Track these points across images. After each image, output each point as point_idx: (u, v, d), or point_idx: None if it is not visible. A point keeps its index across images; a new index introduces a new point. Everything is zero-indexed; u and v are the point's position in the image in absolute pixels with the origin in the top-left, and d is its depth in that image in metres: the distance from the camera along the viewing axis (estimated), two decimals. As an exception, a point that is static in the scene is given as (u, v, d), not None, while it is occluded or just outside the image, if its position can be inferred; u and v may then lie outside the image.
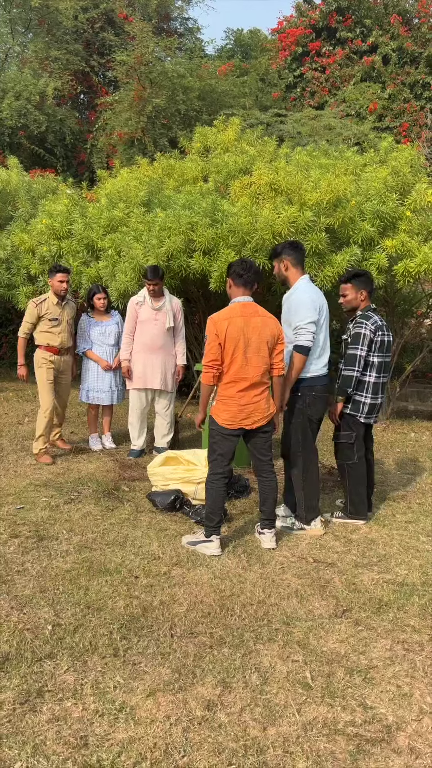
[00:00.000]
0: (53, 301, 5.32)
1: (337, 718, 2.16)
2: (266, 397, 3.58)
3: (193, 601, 2.95)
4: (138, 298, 5.54)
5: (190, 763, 1.92)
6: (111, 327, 5.81)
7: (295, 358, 3.72)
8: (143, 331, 5.48)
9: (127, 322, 5.54)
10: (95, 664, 2.42)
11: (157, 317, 5.47)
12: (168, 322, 5.49)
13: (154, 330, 5.47)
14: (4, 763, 1.89)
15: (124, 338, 5.54)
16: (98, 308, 5.74)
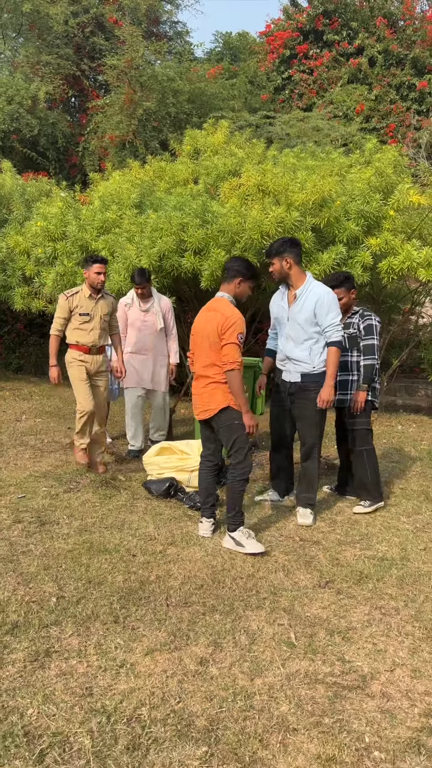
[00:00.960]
0: (86, 294, 4.88)
1: (317, 670, 2.39)
2: (208, 391, 3.61)
3: (187, 576, 3.17)
4: (126, 299, 5.60)
5: (184, 708, 2.14)
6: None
7: (334, 355, 3.90)
8: (132, 333, 5.55)
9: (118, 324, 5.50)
10: (97, 629, 2.64)
11: (146, 319, 5.53)
12: (158, 323, 5.53)
13: (143, 332, 5.54)
14: (18, 710, 2.10)
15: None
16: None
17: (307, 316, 3.90)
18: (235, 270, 3.66)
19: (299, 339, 3.95)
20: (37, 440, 6.04)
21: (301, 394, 3.99)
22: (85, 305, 4.86)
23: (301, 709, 2.16)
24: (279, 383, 4.13)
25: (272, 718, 2.11)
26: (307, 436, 4.04)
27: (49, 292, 7.30)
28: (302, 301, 3.92)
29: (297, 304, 3.93)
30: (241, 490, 3.59)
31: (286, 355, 4.02)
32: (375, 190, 6.85)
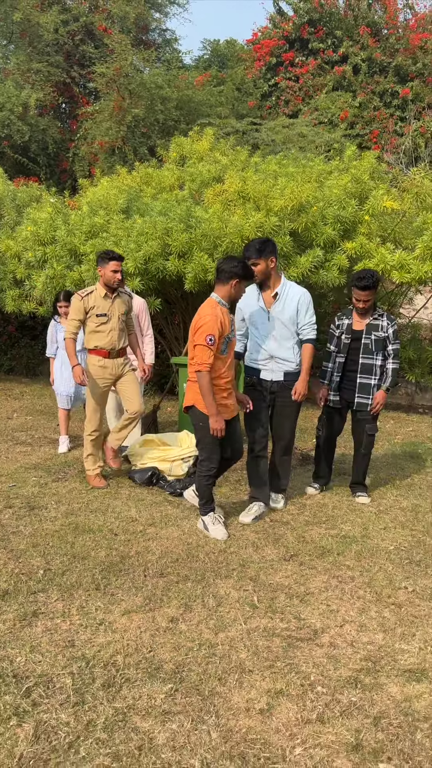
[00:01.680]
0: (101, 294, 4.60)
1: (275, 626, 2.69)
2: (188, 386, 3.81)
3: (164, 551, 3.47)
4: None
5: (154, 656, 2.43)
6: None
7: (311, 351, 4.05)
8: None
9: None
10: (80, 595, 2.93)
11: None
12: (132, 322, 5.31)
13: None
14: (8, 658, 2.39)
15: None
16: (63, 315, 5.68)
17: (291, 315, 3.99)
18: (230, 272, 3.61)
19: (284, 337, 4.01)
20: (27, 436, 6.31)
21: (284, 392, 4.06)
22: (101, 305, 4.59)
23: (258, 655, 2.45)
24: (254, 383, 4.12)
25: (231, 662, 2.40)
26: (288, 432, 4.17)
27: (40, 294, 7.57)
28: (283, 300, 4.00)
29: (278, 304, 3.99)
30: (206, 485, 3.78)
31: (271, 354, 4.02)
32: (351, 196, 7.17)
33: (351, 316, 4.45)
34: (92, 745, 1.93)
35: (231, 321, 3.72)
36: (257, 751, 1.94)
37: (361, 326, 4.36)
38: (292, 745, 1.96)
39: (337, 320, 4.47)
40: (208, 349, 3.52)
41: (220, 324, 3.56)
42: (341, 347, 4.41)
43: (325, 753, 1.93)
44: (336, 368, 4.43)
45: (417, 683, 2.31)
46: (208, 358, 3.52)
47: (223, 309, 3.65)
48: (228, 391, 3.75)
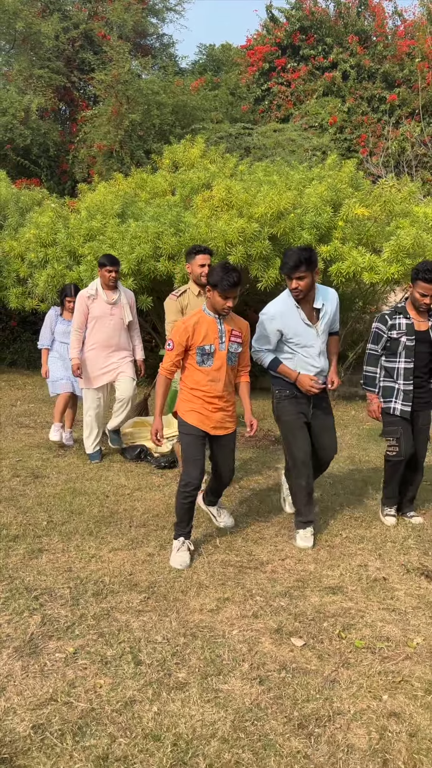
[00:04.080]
0: (194, 292, 4.35)
1: (230, 559, 3.39)
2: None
3: (147, 509, 4.17)
4: (89, 291, 5.18)
5: (133, 577, 3.13)
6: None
7: (338, 341, 3.93)
8: (99, 328, 5.18)
9: (77, 317, 5.17)
10: (77, 538, 3.63)
11: (113, 312, 5.20)
12: (126, 317, 5.26)
13: (111, 326, 5.20)
14: (20, 578, 3.08)
15: (73, 334, 5.19)
16: (68, 310, 5.74)
17: (331, 321, 3.71)
18: (210, 282, 3.31)
19: (324, 350, 3.72)
20: (30, 420, 7.00)
21: (323, 402, 3.77)
22: (194, 303, 4.30)
23: (214, 577, 3.16)
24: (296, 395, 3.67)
25: (193, 581, 3.10)
26: (334, 444, 3.81)
27: (41, 292, 8.27)
28: (325, 312, 3.62)
29: (324, 318, 3.62)
30: (182, 502, 3.41)
31: (321, 370, 3.66)
32: (327, 203, 7.85)
33: (406, 314, 3.86)
34: (84, 628, 2.63)
35: (222, 331, 3.40)
36: (205, 632, 2.63)
37: (425, 326, 3.84)
38: (230, 630, 2.66)
39: (389, 319, 3.87)
40: (168, 354, 3.42)
41: (188, 333, 3.33)
42: (402, 350, 3.84)
43: (254, 634, 2.63)
44: (403, 374, 3.85)
45: (333, 595, 3.01)
46: (166, 362, 3.42)
47: (206, 317, 3.37)
48: (214, 405, 3.44)
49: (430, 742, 2.03)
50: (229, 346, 3.43)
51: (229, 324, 3.44)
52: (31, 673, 2.30)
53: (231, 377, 3.51)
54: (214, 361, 3.39)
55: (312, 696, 2.24)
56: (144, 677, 2.31)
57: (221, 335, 3.40)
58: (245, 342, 3.55)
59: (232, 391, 3.57)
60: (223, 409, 3.50)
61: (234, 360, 3.49)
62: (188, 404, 3.48)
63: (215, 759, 1.92)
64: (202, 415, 3.45)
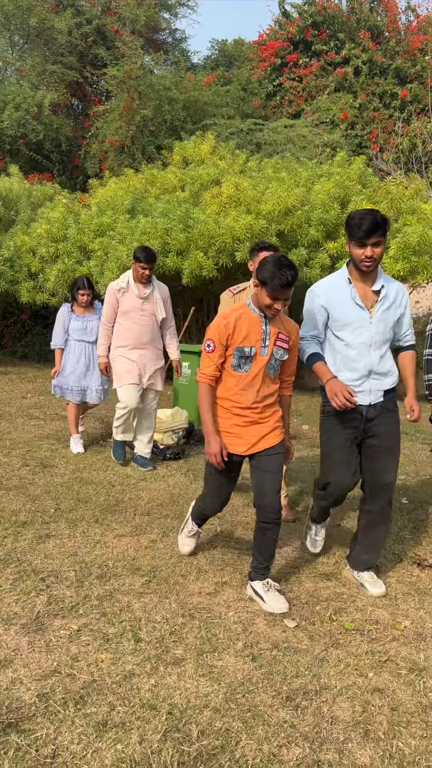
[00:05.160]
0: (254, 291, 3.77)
1: (230, 546, 3.52)
2: None
3: (152, 498, 4.31)
4: (120, 284, 4.81)
5: (136, 561, 3.27)
6: (93, 322, 5.37)
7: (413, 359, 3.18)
8: (129, 324, 4.79)
9: (106, 312, 4.86)
10: (83, 525, 3.77)
11: (145, 307, 4.80)
12: (159, 313, 4.85)
13: (143, 322, 4.80)
14: (28, 561, 3.23)
15: (102, 330, 4.90)
16: (81, 304, 5.38)
17: (397, 315, 3.01)
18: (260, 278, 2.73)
19: (385, 345, 3.02)
20: (40, 412, 7.16)
21: (385, 417, 3.01)
22: None
23: (213, 563, 3.29)
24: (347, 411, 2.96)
25: (193, 566, 3.24)
26: (392, 472, 3.04)
27: (52, 286, 8.42)
28: (385, 297, 2.95)
29: (384, 302, 2.94)
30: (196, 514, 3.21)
31: (370, 369, 2.96)
32: (334, 200, 7.94)
33: None
34: (88, 608, 2.77)
35: (267, 333, 2.86)
36: (202, 613, 2.77)
37: None
38: (227, 611, 2.80)
39: None
40: (206, 357, 2.90)
41: (229, 330, 2.82)
42: None
43: (250, 615, 2.76)
44: None
45: (327, 581, 3.14)
46: (206, 367, 2.91)
47: (250, 314, 2.85)
48: (246, 419, 2.90)
49: (410, 716, 2.15)
50: (274, 351, 2.87)
51: (276, 326, 2.88)
52: (36, 647, 2.44)
53: (270, 387, 2.92)
54: (252, 367, 2.86)
55: (301, 672, 2.37)
56: (143, 653, 2.44)
57: (265, 338, 2.85)
58: (293, 348, 2.98)
59: (273, 402, 2.97)
60: (258, 422, 2.91)
61: (276, 368, 2.92)
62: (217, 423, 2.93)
63: (207, 726, 2.05)
64: (232, 434, 2.89)
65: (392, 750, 1.99)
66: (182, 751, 1.94)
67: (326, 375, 2.95)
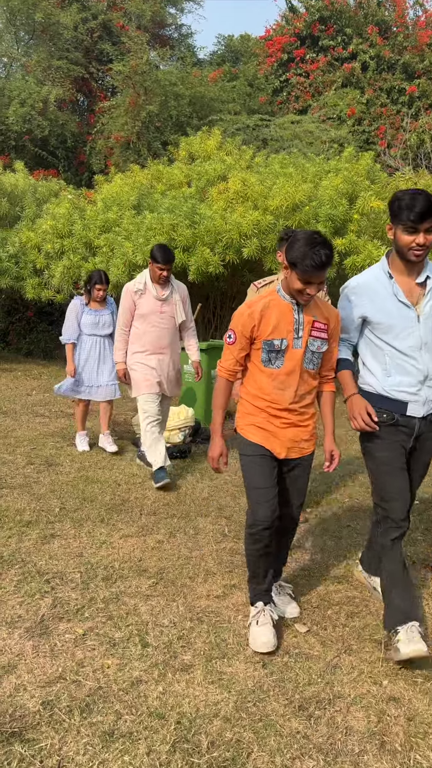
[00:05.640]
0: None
1: (239, 548, 3.45)
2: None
3: (158, 497, 4.24)
4: (137, 285, 4.53)
5: (143, 563, 3.20)
6: (106, 317, 5.32)
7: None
8: (147, 328, 4.50)
9: (122, 316, 4.56)
10: (88, 525, 3.70)
11: (164, 309, 4.52)
12: (179, 315, 4.57)
13: (162, 325, 4.52)
14: (32, 562, 3.16)
15: (118, 335, 4.65)
16: (96, 299, 5.29)
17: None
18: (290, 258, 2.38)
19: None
20: (45, 410, 7.11)
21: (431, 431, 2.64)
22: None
23: (221, 565, 3.22)
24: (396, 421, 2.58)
25: (200, 568, 3.17)
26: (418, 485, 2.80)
27: (57, 283, 8.36)
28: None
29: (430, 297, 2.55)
30: (251, 549, 2.58)
31: (426, 375, 2.55)
32: (342, 196, 7.84)
33: None
34: (94, 611, 2.71)
35: (300, 322, 2.51)
36: (211, 617, 2.70)
37: None
38: (236, 615, 2.72)
39: None
40: (227, 349, 2.60)
41: (254, 320, 2.49)
42: None
43: (259, 620, 2.69)
44: None
45: (339, 584, 3.06)
46: (225, 360, 2.62)
47: (280, 302, 2.51)
48: (284, 420, 2.56)
49: (427, 726, 2.07)
50: (309, 342, 2.51)
51: (311, 313, 2.52)
52: (41, 652, 2.38)
53: (309, 384, 2.58)
54: (285, 362, 2.51)
55: (313, 680, 2.29)
56: (150, 659, 2.37)
57: (298, 327, 2.50)
58: (333, 337, 2.60)
59: (312, 401, 2.64)
60: (297, 425, 2.59)
61: (315, 362, 2.56)
62: (249, 418, 2.62)
63: (217, 737, 1.98)
64: (267, 431, 2.57)
65: (410, 763, 1.92)
66: (192, 763, 1.87)
67: (349, 388, 2.62)
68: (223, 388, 2.63)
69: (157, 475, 4.41)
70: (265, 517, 2.50)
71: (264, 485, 2.54)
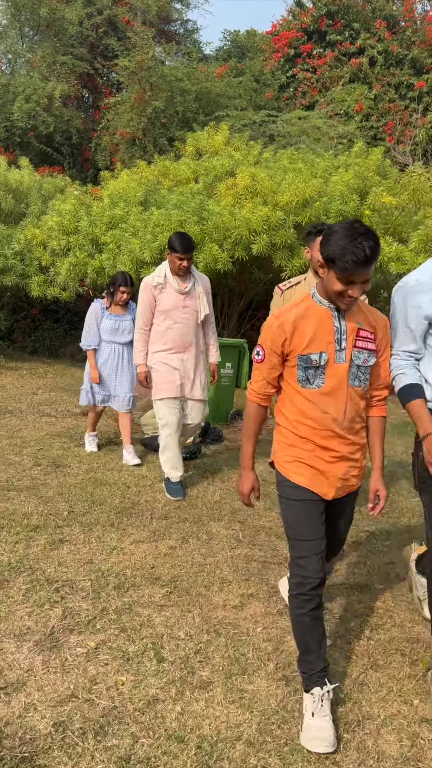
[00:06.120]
0: (311, 287, 3.12)
1: (254, 554, 3.32)
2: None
3: (169, 500, 4.11)
4: (156, 279, 4.13)
5: (155, 570, 3.08)
6: (126, 322, 4.99)
7: None
8: (168, 324, 4.14)
9: (142, 313, 4.18)
10: (98, 530, 3.58)
11: (187, 304, 4.14)
12: (202, 309, 4.21)
13: (185, 321, 4.15)
14: (41, 569, 3.04)
15: (138, 334, 4.25)
16: (119, 302, 4.94)
17: None
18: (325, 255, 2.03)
19: None
20: (51, 409, 6.99)
21: None
22: None
23: (237, 572, 3.09)
24: None
25: (215, 576, 3.04)
26: None
27: (63, 280, 8.24)
28: None
29: None
30: (298, 613, 2.10)
31: None
32: (353, 192, 7.69)
33: None
34: (106, 622, 2.58)
35: (342, 331, 2.10)
36: (229, 629, 2.57)
37: None
38: (255, 627, 2.60)
39: None
40: (255, 368, 2.22)
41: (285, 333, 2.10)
42: None
43: (279, 632, 2.56)
44: None
45: (360, 594, 2.93)
46: (254, 382, 2.23)
47: (316, 308, 2.12)
48: (333, 453, 2.13)
49: (464, 752, 1.95)
50: (354, 355, 2.10)
51: (354, 319, 2.12)
52: (51, 668, 2.26)
53: (357, 406, 2.14)
54: (326, 380, 2.09)
55: (340, 699, 2.16)
56: (167, 675, 2.25)
57: (340, 338, 2.09)
58: (382, 348, 2.19)
59: (362, 427, 2.21)
60: (347, 458, 2.15)
61: (362, 379, 2.13)
62: (290, 451, 2.17)
63: (241, 763, 1.85)
64: (315, 469, 2.13)
65: (447, 792, 1.79)
66: (214, 792, 1.74)
67: (425, 425, 2.12)
68: (254, 414, 2.24)
69: (172, 487, 4.20)
70: (315, 572, 2.08)
71: (313, 536, 2.11)
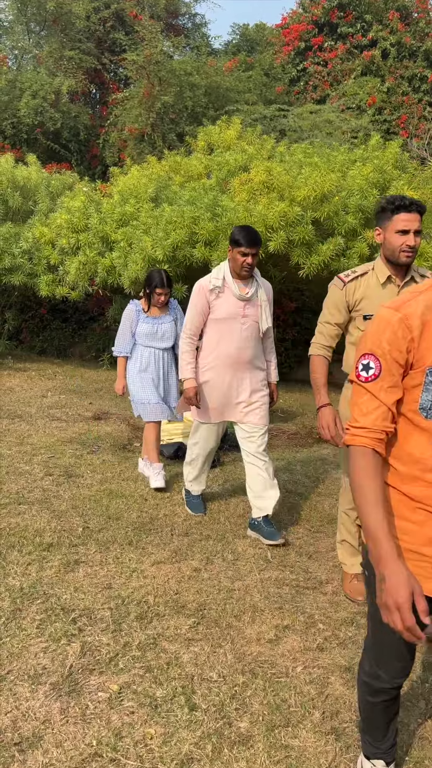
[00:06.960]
0: (381, 278, 2.69)
1: (285, 577, 3.07)
2: None
3: (189, 514, 3.86)
4: (213, 281, 3.46)
5: (180, 597, 2.83)
6: (166, 325, 4.44)
7: None
8: (225, 335, 3.49)
9: (192, 320, 3.54)
10: (115, 548, 3.34)
11: (247, 312, 3.48)
12: (264, 320, 3.53)
13: (243, 333, 3.49)
14: (56, 596, 2.80)
15: (185, 344, 3.60)
16: (156, 304, 4.40)
17: None
18: None
19: None
20: (62, 413, 6.75)
21: None
22: (375, 297, 2.70)
23: (269, 599, 2.84)
24: None
25: (246, 604, 2.79)
26: None
27: (72, 279, 7.99)
28: None
29: None
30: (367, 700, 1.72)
31: None
32: (373, 186, 7.42)
33: None
34: (129, 660, 2.34)
35: None
36: (265, 669, 2.32)
37: None
38: (294, 666, 2.35)
39: None
40: (363, 392, 1.51)
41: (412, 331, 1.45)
42: None
43: (322, 672, 2.31)
44: None
45: None
46: (363, 415, 1.50)
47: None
48: None
49: None
50: None
51: None
52: (71, 717, 2.01)
53: None
54: None
55: (400, 758, 1.91)
56: (201, 726, 2.00)
57: None
58: None
59: None
60: None
61: None
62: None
63: None
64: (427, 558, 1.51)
65: None
66: None
67: None
68: (370, 468, 1.44)
69: (193, 501, 3.96)
70: (395, 677, 1.64)
71: (403, 660, 1.61)
